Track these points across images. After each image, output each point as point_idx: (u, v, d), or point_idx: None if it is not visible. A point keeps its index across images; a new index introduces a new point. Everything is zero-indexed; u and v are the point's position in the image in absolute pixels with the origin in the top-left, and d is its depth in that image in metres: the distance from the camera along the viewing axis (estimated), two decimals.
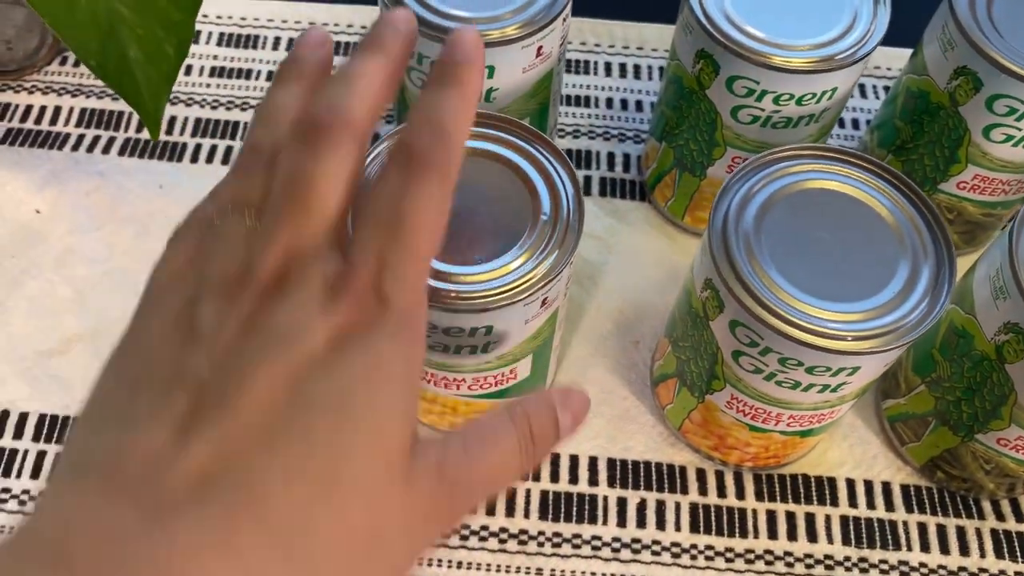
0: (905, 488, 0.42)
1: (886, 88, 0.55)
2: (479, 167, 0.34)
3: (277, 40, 0.55)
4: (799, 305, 0.31)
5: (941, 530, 0.41)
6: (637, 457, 0.42)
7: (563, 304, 0.36)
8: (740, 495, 0.41)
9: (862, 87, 0.55)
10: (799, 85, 0.38)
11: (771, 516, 0.41)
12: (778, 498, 0.41)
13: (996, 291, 0.33)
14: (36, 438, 0.41)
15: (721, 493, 0.41)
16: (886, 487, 0.42)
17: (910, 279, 0.32)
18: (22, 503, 0.40)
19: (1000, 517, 0.41)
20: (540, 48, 0.39)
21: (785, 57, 0.38)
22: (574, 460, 0.42)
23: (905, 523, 0.41)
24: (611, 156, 0.52)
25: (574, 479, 0.41)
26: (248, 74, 0.54)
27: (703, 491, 0.42)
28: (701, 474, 0.42)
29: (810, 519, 0.41)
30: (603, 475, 0.42)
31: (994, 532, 0.41)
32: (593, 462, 0.42)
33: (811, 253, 0.32)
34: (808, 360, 0.32)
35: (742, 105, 0.40)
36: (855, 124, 0.53)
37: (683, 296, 0.37)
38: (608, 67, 0.55)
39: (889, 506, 0.41)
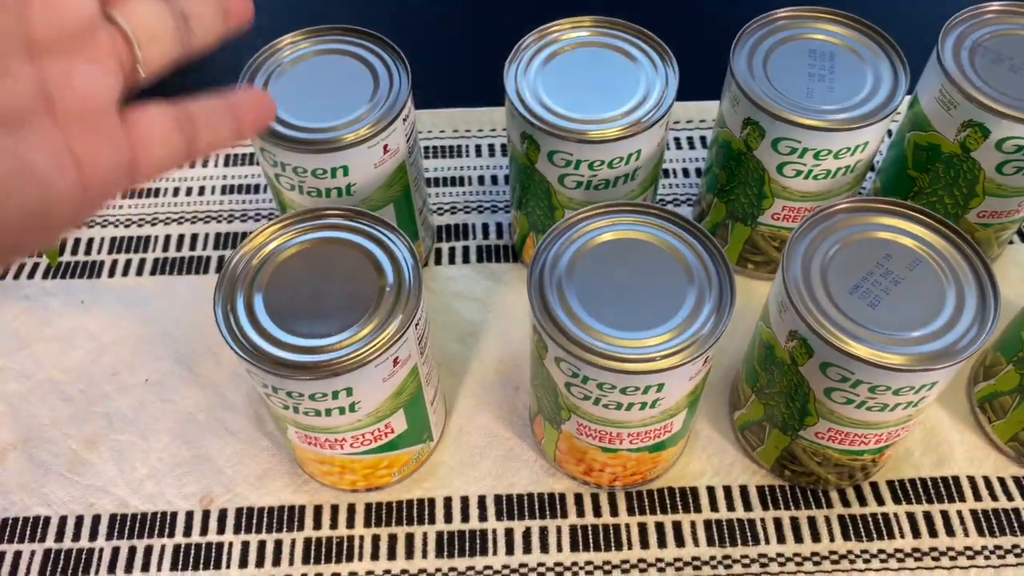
0: (760, 489, 0.47)
1: (702, 138, 0.62)
2: (332, 253, 0.40)
3: None
4: (605, 338, 0.37)
5: (794, 522, 0.46)
6: (521, 490, 0.47)
7: (423, 361, 0.42)
8: (614, 513, 0.46)
9: (677, 140, 0.62)
10: (607, 152, 0.44)
11: (642, 528, 0.46)
12: (648, 511, 0.46)
13: (780, 305, 0.39)
14: None
15: (597, 513, 0.46)
16: (743, 490, 0.47)
17: (696, 304, 0.38)
18: None
19: (846, 503, 0.46)
20: (386, 146, 0.45)
21: (597, 130, 0.44)
22: (465, 501, 0.47)
23: (762, 520, 0.46)
24: (485, 226, 0.58)
25: (465, 518, 0.46)
26: (157, 192, 0.60)
27: (580, 513, 0.46)
28: (578, 498, 0.47)
29: (677, 527, 0.46)
30: (491, 511, 0.46)
31: (841, 518, 0.46)
32: (482, 500, 0.47)
33: (614, 293, 0.38)
34: (619, 383, 0.37)
35: (565, 174, 0.46)
36: (686, 173, 0.60)
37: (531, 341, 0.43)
38: (478, 149, 0.62)
39: (747, 507, 0.46)
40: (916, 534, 0.45)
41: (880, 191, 0.55)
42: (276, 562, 0.45)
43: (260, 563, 0.45)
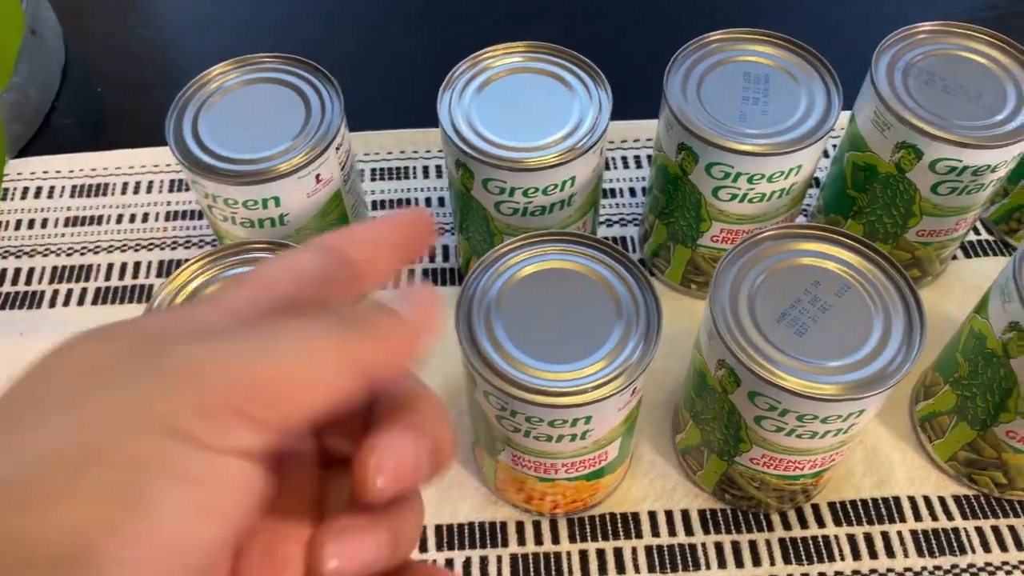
0: (702, 513, 0.47)
1: (649, 156, 0.62)
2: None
3: (125, 185, 0.61)
4: (531, 371, 0.37)
5: (735, 546, 0.46)
6: (463, 520, 0.47)
7: None
8: (555, 540, 0.46)
9: (624, 159, 0.62)
10: (541, 180, 0.44)
11: (583, 556, 0.46)
12: (589, 538, 0.46)
13: (709, 334, 0.39)
14: None
15: (538, 541, 0.46)
16: (685, 514, 0.47)
17: (624, 334, 0.38)
18: None
19: (787, 527, 0.46)
20: (318, 176, 0.45)
21: (530, 158, 0.44)
22: None
23: (703, 544, 0.46)
24: (431, 248, 0.58)
25: None
26: (99, 220, 0.59)
27: (522, 541, 0.46)
28: (520, 526, 0.47)
29: (618, 553, 0.46)
30: (432, 540, 0.46)
31: (781, 541, 0.46)
32: (423, 530, 0.46)
33: (542, 325, 0.38)
34: (546, 416, 0.37)
35: (500, 201, 0.46)
36: (632, 192, 0.60)
37: None
38: (425, 170, 0.62)
39: (688, 531, 0.46)
40: (856, 556, 0.45)
41: (823, 208, 0.55)
42: None
43: None
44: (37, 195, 0.61)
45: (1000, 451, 0.44)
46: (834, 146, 0.60)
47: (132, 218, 0.60)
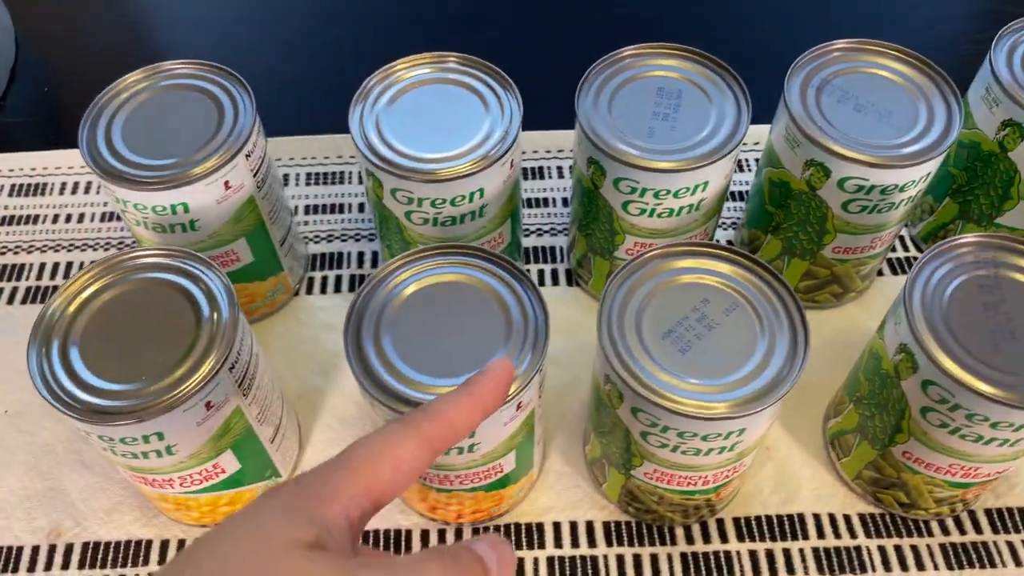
0: (607, 525, 0.47)
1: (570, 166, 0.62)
2: (149, 294, 0.40)
3: (63, 185, 0.62)
4: (419, 387, 0.37)
5: (637, 559, 0.46)
6: (368, 527, 0.47)
7: (251, 401, 0.42)
8: None
9: (550, 169, 0.62)
10: (448, 191, 0.44)
11: None
12: None
13: (597, 350, 0.39)
14: None
15: None
16: (589, 526, 0.47)
17: (513, 348, 0.38)
18: None
19: (690, 541, 0.47)
20: (227, 182, 0.45)
21: (437, 169, 0.44)
22: None
23: (605, 556, 0.46)
24: (360, 254, 0.58)
25: None
26: (36, 219, 0.60)
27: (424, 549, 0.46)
28: (425, 535, 0.47)
29: (520, 564, 0.46)
30: None
31: (683, 555, 0.46)
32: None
33: (431, 339, 0.38)
34: None
35: (410, 211, 0.46)
36: (565, 202, 0.60)
37: None
38: (360, 176, 0.62)
39: (592, 543, 0.47)
40: (756, 572, 0.45)
41: (746, 223, 0.55)
42: None
43: None
44: None
45: (899, 471, 0.44)
46: (756, 160, 0.60)
47: (68, 218, 0.60)
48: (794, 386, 0.37)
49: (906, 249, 0.58)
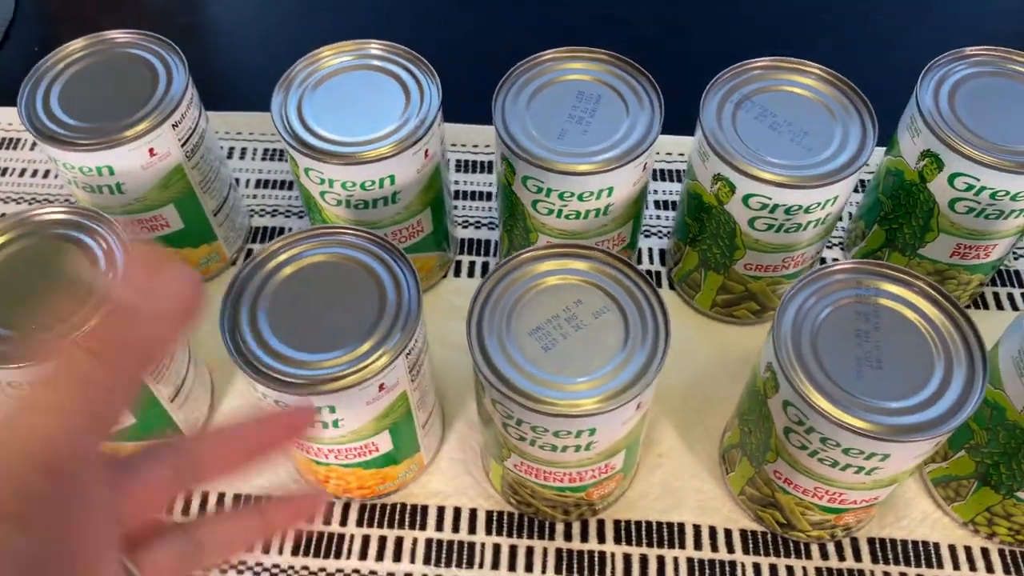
0: (490, 514, 0.48)
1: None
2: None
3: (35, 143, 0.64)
4: (288, 361, 0.38)
5: (513, 550, 0.47)
6: (260, 492, 0.49)
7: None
8: (343, 523, 0.48)
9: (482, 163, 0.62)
10: (356, 174, 0.46)
11: (365, 540, 0.47)
12: (375, 524, 0.48)
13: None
14: None
15: (326, 521, 0.48)
16: (473, 513, 0.48)
17: (384, 326, 0.39)
18: None
19: (568, 538, 0.47)
20: (152, 149, 0.47)
21: (349, 152, 0.45)
22: (204, 495, 0.49)
23: (483, 544, 0.47)
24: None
25: (203, 509, 0.48)
26: (4, 171, 0.63)
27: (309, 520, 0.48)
28: None
29: (399, 542, 0.47)
30: (227, 508, 0.48)
31: (559, 551, 0.47)
32: (221, 497, 0.49)
33: (305, 317, 0.40)
34: (291, 401, 0.39)
35: (324, 191, 0.47)
36: (491, 196, 0.61)
37: None
38: None
39: (472, 530, 0.48)
40: (627, 575, 0.46)
41: (673, 232, 0.55)
42: None
43: None
44: None
45: (773, 490, 0.44)
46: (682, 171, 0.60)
47: (35, 173, 0.63)
48: (646, 391, 0.37)
49: None
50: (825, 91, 0.48)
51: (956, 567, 0.46)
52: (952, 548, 0.47)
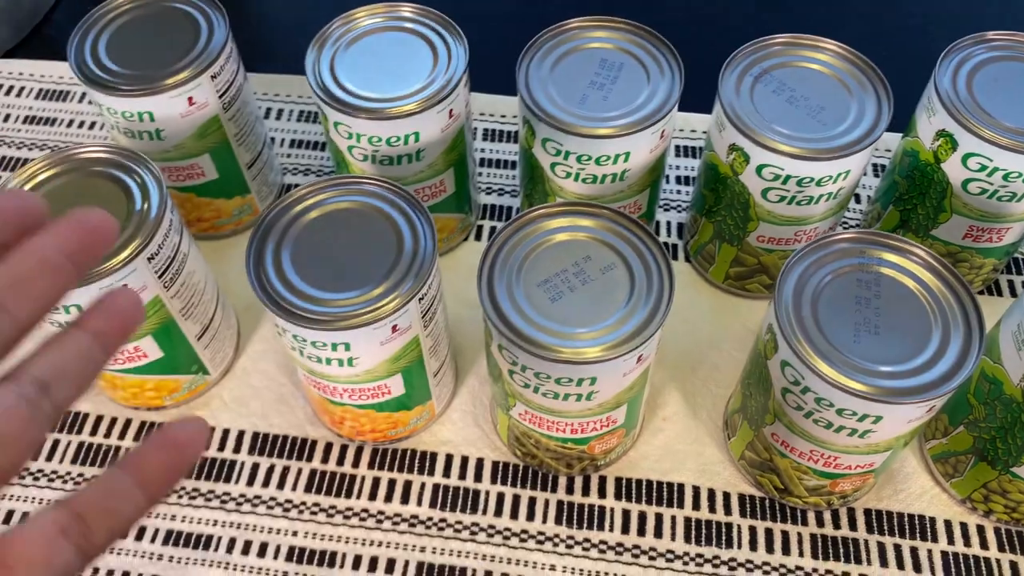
0: (495, 464, 0.50)
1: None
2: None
3: (83, 95, 0.67)
4: (308, 297, 0.40)
5: (516, 499, 0.49)
6: (278, 432, 0.51)
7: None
8: (355, 464, 0.50)
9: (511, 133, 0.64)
10: (382, 129, 0.48)
11: (376, 482, 0.49)
12: (386, 467, 0.50)
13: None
14: None
15: (339, 462, 0.50)
16: (480, 463, 0.50)
17: (399, 271, 0.41)
18: None
19: (570, 491, 0.49)
20: (191, 98, 0.49)
21: (376, 107, 0.47)
22: (226, 433, 0.51)
23: (487, 492, 0.49)
24: None
25: (222, 448, 0.50)
26: (54, 122, 0.66)
27: (325, 460, 0.50)
28: (329, 447, 0.51)
29: (407, 485, 0.49)
30: (246, 445, 0.51)
31: (559, 503, 0.48)
32: (241, 434, 0.51)
33: (327, 259, 0.42)
34: (309, 337, 0.41)
35: (352, 146, 0.49)
36: (507, 164, 0.63)
37: None
38: None
39: (478, 478, 0.49)
40: (625, 530, 0.47)
41: (691, 205, 0.56)
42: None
43: None
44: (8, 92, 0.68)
45: (771, 453, 0.45)
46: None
47: (82, 124, 0.66)
48: (646, 344, 0.39)
49: None
50: (842, 67, 0.48)
51: (951, 542, 0.47)
52: (948, 523, 0.47)
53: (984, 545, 0.47)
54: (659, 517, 0.48)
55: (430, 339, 0.45)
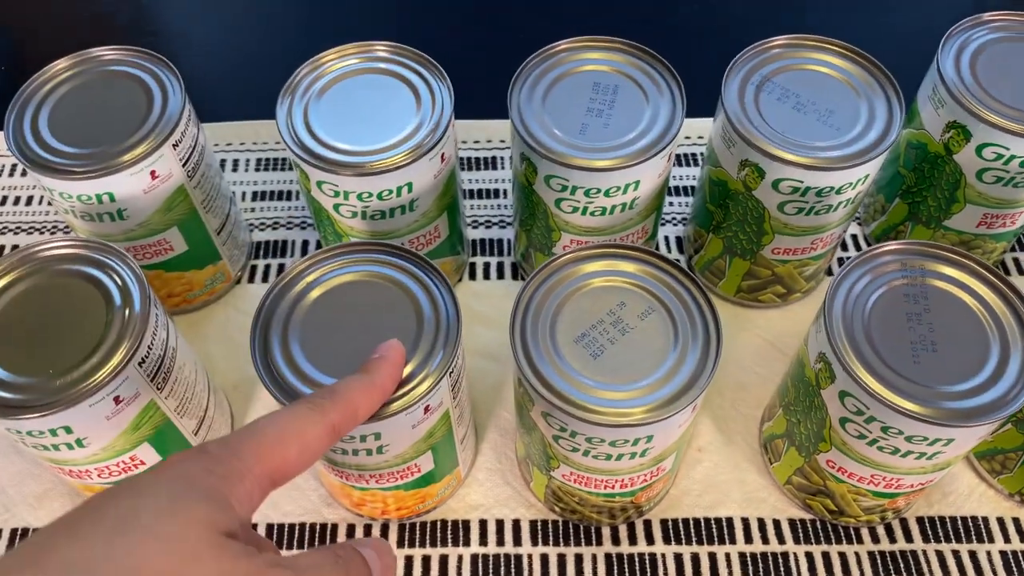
0: (533, 523, 0.47)
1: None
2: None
3: (2, 167, 0.61)
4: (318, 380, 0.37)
5: (561, 559, 0.46)
6: (293, 520, 0.47)
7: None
8: None
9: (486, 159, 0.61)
10: (372, 184, 0.44)
11: (408, 561, 0.46)
12: (417, 544, 0.46)
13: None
14: None
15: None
16: (516, 524, 0.47)
17: (425, 345, 0.37)
18: None
19: (616, 542, 0.46)
20: (153, 172, 0.45)
21: (360, 161, 0.43)
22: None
23: (530, 556, 0.46)
24: (305, 242, 0.57)
25: None
26: None
27: None
28: (351, 529, 0.47)
29: (443, 560, 0.46)
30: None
31: (608, 556, 0.46)
32: (253, 528, 0.47)
33: (337, 340, 0.38)
34: None
35: (337, 204, 0.45)
36: (497, 194, 0.59)
37: None
38: None
39: (517, 542, 0.46)
40: (680, 575, 0.45)
41: (692, 219, 0.54)
42: None
43: None
44: None
45: (825, 479, 0.43)
46: (703, 154, 0.59)
47: (29, 200, 0.60)
48: (702, 394, 0.36)
49: (858, 248, 0.57)
50: (845, 67, 0.46)
51: (1007, 540, 0.46)
52: (1001, 521, 0.46)
53: None
54: (712, 557, 0.46)
55: (458, 409, 0.41)
